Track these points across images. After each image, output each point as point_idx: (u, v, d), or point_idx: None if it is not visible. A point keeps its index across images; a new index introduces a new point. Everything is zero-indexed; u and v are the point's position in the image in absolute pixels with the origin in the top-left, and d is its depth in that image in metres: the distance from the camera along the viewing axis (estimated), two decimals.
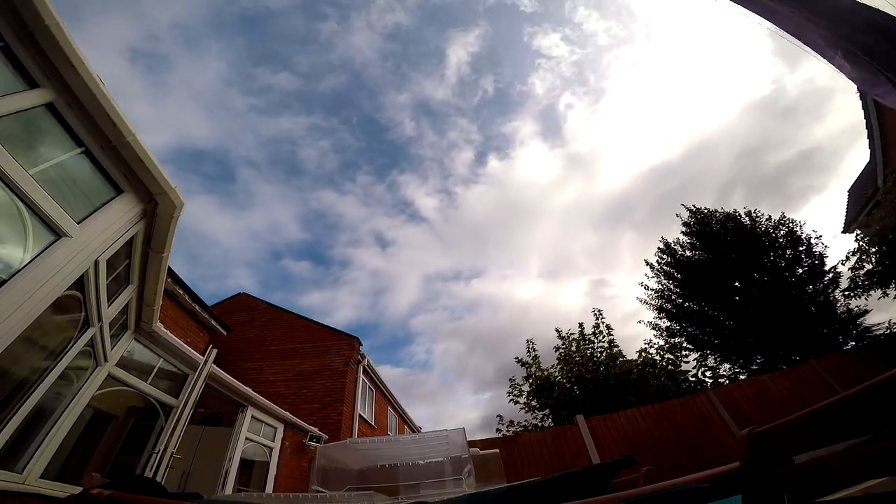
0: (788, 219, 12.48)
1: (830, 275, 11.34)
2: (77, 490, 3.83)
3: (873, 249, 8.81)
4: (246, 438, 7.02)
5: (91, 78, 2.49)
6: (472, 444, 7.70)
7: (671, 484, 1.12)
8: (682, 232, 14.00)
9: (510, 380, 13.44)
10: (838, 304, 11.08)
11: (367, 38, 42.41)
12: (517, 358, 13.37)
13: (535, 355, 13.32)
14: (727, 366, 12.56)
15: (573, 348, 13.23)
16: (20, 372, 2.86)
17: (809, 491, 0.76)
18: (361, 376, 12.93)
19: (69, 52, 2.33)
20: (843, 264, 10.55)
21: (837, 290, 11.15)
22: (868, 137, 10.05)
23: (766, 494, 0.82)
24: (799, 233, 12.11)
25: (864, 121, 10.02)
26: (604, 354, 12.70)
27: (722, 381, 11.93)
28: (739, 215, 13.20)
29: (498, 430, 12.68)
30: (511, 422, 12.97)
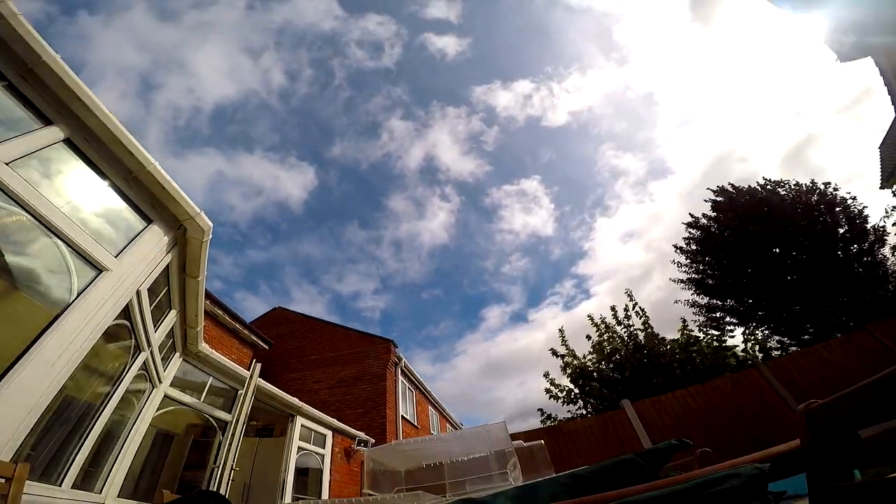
0: (821, 183, 11.79)
1: (874, 234, 10.58)
2: None
3: None
4: (298, 447, 7.25)
5: (100, 109, 2.47)
6: (515, 436, 7.63)
7: (728, 465, 1.06)
8: (711, 208, 13.46)
9: (546, 374, 13.18)
10: (889, 264, 10.33)
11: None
12: (552, 350, 13.14)
13: (568, 344, 13.05)
14: (776, 338, 11.91)
15: (606, 336, 12.87)
16: (86, 398, 3.06)
17: (881, 465, 0.70)
18: (400, 378, 13.12)
19: (72, 85, 2.31)
20: (885, 219, 9.81)
21: (886, 248, 10.39)
22: (889, 94, 9.30)
23: (833, 471, 0.77)
24: (832, 195, 11.41)
25: (881, 78, 9.25)
26: (640, 336, 12.29)
27: (774, 354, 11.31)
28: (768, 183, 12.58)
29: (543, 423, 12.54)
30: (550, 415, 12.78)
